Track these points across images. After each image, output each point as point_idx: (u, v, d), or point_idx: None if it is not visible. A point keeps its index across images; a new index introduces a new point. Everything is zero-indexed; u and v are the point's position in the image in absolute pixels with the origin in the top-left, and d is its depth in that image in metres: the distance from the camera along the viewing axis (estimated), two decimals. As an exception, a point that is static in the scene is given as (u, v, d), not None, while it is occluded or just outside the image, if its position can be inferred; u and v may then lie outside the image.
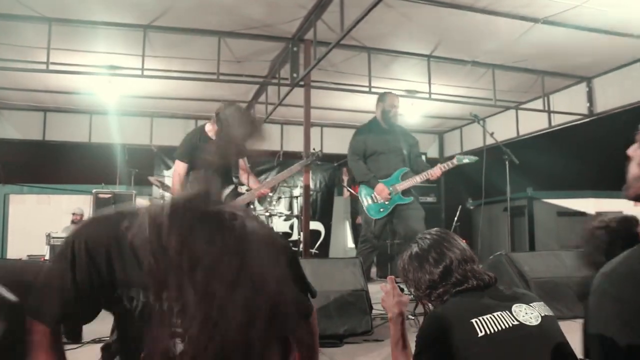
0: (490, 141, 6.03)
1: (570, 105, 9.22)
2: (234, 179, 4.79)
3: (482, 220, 8.28)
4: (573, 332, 1.92)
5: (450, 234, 2.09)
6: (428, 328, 1.85)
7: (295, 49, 7.50)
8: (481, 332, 1.74)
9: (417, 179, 5.54)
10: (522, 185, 8.00)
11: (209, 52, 7.50)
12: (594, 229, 2.18)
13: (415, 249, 2.06)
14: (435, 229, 2.15)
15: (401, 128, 6.05)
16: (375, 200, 5.61)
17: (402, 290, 2.12)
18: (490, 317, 1.78)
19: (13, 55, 7.60)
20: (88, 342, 3.38)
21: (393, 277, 2.28)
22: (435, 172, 5.53)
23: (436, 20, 6.83)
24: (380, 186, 5.54)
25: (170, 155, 9.56)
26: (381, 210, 5.59)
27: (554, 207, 8.45)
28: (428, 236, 2.08)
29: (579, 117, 9.09)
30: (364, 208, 5.74)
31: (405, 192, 5.58)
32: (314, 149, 5.12)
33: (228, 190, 4.71)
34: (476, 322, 1.76)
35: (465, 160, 5.60)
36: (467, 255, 2.00)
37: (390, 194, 5.50)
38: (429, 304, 2.02)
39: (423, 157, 5.70)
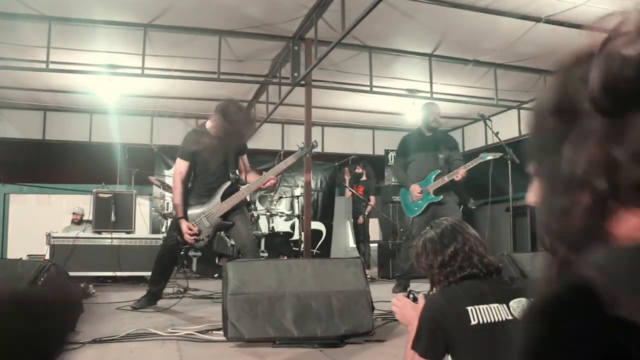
0: (491, 141, 6.03)
1: (572, 104, 9.20)
2: (231, 174, 4.78)
3: (484, 220, 8.27)
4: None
5: (464, 223, 2.13)
6: (426, 311, 1.89)
7: (296, 48, 7.50)
8: (474, 320, 1.76)
9: (445, 179, 5.91)
10: (524, 185, 7.96)
11: (210, 51, 7.49)
12: None
13: (429, 234, 2.10)
14: (450, 217, 2.20)
15: (444, 133, 6.54)
16: (412, 200, 6.10)
17: (415, 300, 2.14)
18: (486, 308, 1.79)
19: (13, 54, 7.60)
20: (88, 342, 3.38)
21: (402, 294, 2.29)
22: (460, 172, 5.84)
23: (438, 19, 6.83)
24: (413, 186, 6.06)
25: (171, 155, 9.57)
26: (415, 209, 6.08)
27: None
28: (444, 222, 2.12)
29: (581, 116, 9.07)
30: (403, 209, 6.34)
31: (438, 192, 5.97)
32: (315, 141, 5.14)
33: (226, 185, 4.72)
34: (471, 309, 1.78)
35: (489, 157, 5.85)
36: (478, 242, 2.02)
37: (421, 192, 5.97)
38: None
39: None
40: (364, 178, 10.60)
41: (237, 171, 4.88)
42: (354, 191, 10.33)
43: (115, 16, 6.76)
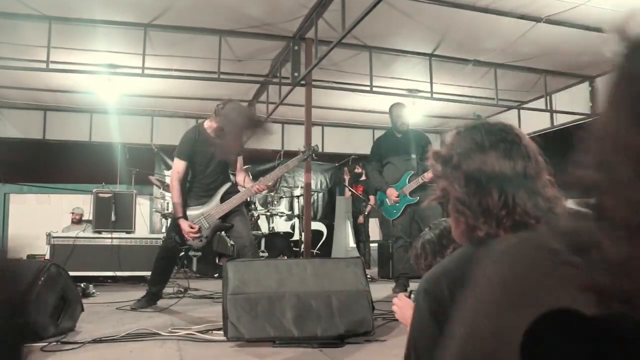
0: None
1: (572, 104, 9.21)
2: (231, 176, 4.79)
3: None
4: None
5: None
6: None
7: (296, 47, 7.49)
8: None
9: (419, 180, 5.99)
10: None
11: (210, 50, 7.49)
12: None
13: (428, 235, 2.10)
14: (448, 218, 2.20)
15: (415, 133, 6.50)
16: (390, 204, 6.18)
17: None
18: None
19: (13, 53, 7.59)
20: (88, 342, 3.38)
21: (403, 294, 2.29)
22: (428, 175, 5.85)
23: (438, 19, 6.83)
24: (389, 190, 6.16)
25: (171, 155, 9.57)
26: (394, 211, 6.18)
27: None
28: (444, 223, 2.13)
29: (581, 116, 9.08)
30: (382, 212, 6.45)
31: (414, 193, 6.04)
32: (316, 145, 5.12)
33: (226, 187, 4.71)
34: None
35: None
36: None
37: (398, 196, 6.06)
38: None
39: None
40: (363, 178, 10.59)
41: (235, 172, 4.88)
42: (353, 191, 10.33)
43: (115, 16, 6.75)
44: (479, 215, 1.27)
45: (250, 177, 4.92)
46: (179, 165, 4.80)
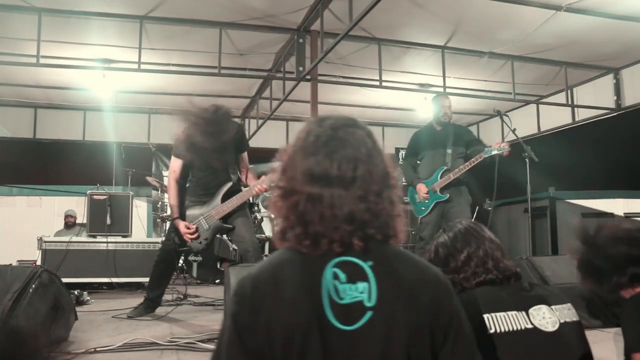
0: (509, 138, 6.02)
1: (595, 98, 9.18)
2: (232, 174, 4.78)
3: (501, 222, 8.24)
4: (601, 342, 1.92)
5: (479, 224, 2.11)
6: None
7: (301, 40, 7.50)
8: (491, 329, 1.75)
9: (450, 176, 5.89)
10: (543, 185, 7.93)
11: (210, 44, 7.51)
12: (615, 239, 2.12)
13: (443, 237, 2.09)
14: (465, 219, 2.18)
15: (456, 127, 6.39)
16: (419, 200, 6.13)
17: None
18: (504, 316, 1.78)
19: (1, 48, 7.64)
20: (82, 353, 3.39)
21: None
22: (457, 170, 5.83)
23: (451, 9, 6.82)
24: (419, 186, 6.05)
25: (169, 154, 9.58)
26: (422, 208, 6.09)
27: (578, 208, 8.36)
28: (458, 225, 2.11)
29: (605, 111, 9.05)
30: (412, 210, 6.32)
31: (444, 190, 5.96)
32: None
33: (226, 187, 4.72)
34: (488, 317, 1.77)
35: (494, 152, 5.68)
36: (493, 246, 2.02)
37: (427, 192, 5.98)
38: None
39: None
40: None
41: (237, 171, 4.88)
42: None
43: (110, 8, 6.78)
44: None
45: (255, 175, 4.91)
46: (175, 163, 4.82)
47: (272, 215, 8.82)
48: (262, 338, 1.27)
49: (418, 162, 6.30)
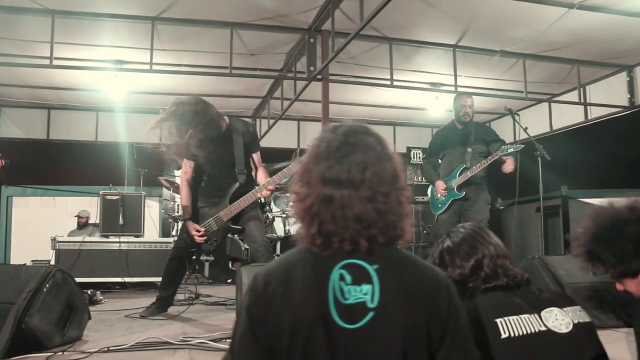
0: (520, 137, 6.00)
1: (608, 96, 9.11)
2: (239, 175, 4.77)
3: (513, 221, 8.19)
4: (614, 342, 1.91)
5: (485, 229, 2.10)
6: None
7: (312, 40, 7.50)
8: (505, 333, 1.74)
9: (468, 174, 5.97)
10: (555, 184, 7.88)
11: (221, 44, 7.52)
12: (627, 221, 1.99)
13: (447, 243, 2.08)
14: (469, 223, 2.17)
15: (478, 125, 6.48)
16: (437, 197, 6.23)
17: None
18: (517, 319, 1.78)
19: (15, 50, 7.69)
20: (96, 352, 3.41)
21: None
22: (474, 167, 5.92)
23: (462, 8, 6.79)
24: (437, 182, 6.17)
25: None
26: (439, 205, 6.21)
27: (591, 207, 8.31)
28: (462, 230, 2.10)
29: (618, 109, 8.98)
30: (430, 207, 6.45)
31: (461, 188, 6.04)
32: None
33: (234, 188, 4.72)
34: (501, 322, 1.77)
35: (510, 150, 5.80)
36: (500, 251, 2.01)
37: (445, 189, 6.06)
38: None
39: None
40: None
41: (247, 171, 4.87)
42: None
43: (122, 9, 6.81)
44: None
45: (267, 175, 4.90)
46: (186, 164, 4.86)
47: (284, 215, 8.85)
48: (272, 331, 1.37)
49: (439, 160, 6.39)
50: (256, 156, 4.95)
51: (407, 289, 1.39)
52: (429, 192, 6.52)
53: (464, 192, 6.00)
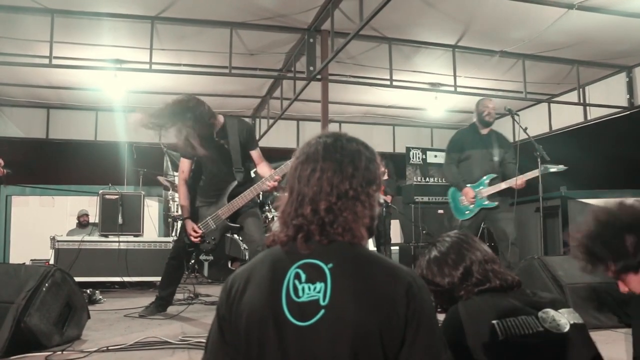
0: (520, 137, 6.00)
1: (608, 97, 9.12)
2: (238, 175, 4.77)
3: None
4: (613, 343, 1.91)
5: (470, 236, 2.10)
6: (447, 325, 1.86)
7: (311, 40, 7.50)
8: (502, 335, 1.74)
9: (502, 186, 5.91)
10: (555, 184, 7.90)
11: (221, 44, 7.53)
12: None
13: (433, 252, 2.08)
14: (454, 231, 2.16)
15: (498, 134, 6.36)
16: (463, 203, 6.11)
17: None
18: (514, 321, 1.77)
19: (14, 49, 7.69)
20: (95, 351, 3.41)
21: None
22: (519, 183, 5.80)
23: (462, 8, 6.80)
24: (466, 190, 6.02)
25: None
26: (466, 212, 6.08)
27: (590, 208, 8.32)
28: (447, 239, 2.10)
29: (617, 110, 8.98)
30: (452, 210, 6.33)
31: (492, 197, 5.96)
32: None
33: (231, 186, 4.72)
34: (498, 324, 1.76)
35: (553, 170, 5.80)
36: (488, 256, 2.01)
37: (474, 197, 5.97)
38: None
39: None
40: (385, 177, 10.56)
41: (245, 169, 4.87)
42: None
43: (121, 8, 6.81)
44: None
45: (271, 169, 4.89)
46: (183, 164, 4.86)
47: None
48: (234, 331, 1.44)
49: (459, 162, 6.27)
50: (256, 152, 4.94)
51: (359, 289, 1.38)
52: (449, 195, 6.33)
53: (497, 202, 5.91)
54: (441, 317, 1.74)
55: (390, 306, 1.36)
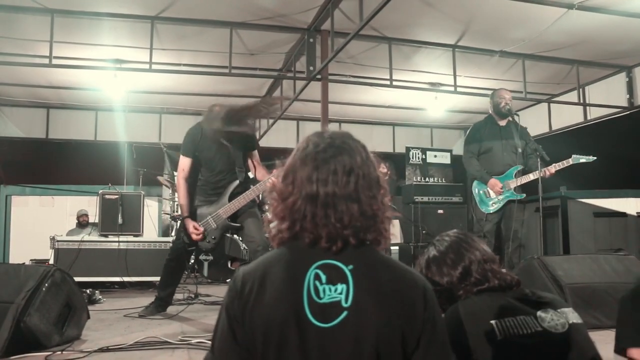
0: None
1: (608, 97, 9.11)
2: (239, 173, 4.77)
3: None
4: (612, 343, 1.90)
5: (469, 235, 2.10)
6: (447, 325, 1.85)
7: (311, 40, 7.50)
8: (500, 334, 1.74)
9: (530, 177, 5.84)
10: (555, 184, 7.89)
11: (221, 44, 7.52)
12: None
13: (432, 252, 2.08)
14: (454, 230, 2.16)
15: (517, 125, 6.22)
16: (488, 195, 6.03)
17: None
18: (512, 320, 1.77)
19: (14, 49, 7.68)
20: (94, 351, 3.41)
21: None
22: (550, 170, 5.76)
23: (462, 8, 6.79)
24: (493, 181, 5.95)
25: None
26: (493, 204, 6.01)
27: (590, 208, 8.31)
28: (446, 238, 2.10)
29: (617, 109, 8.98)
30: (477, 203, 6.18)
31: (518, 189, 5.93)
32: None
33: (233, 186, 4.72)
34: (496, 323, 1.76)
35: (582, 160, 5.83)
36: (487, 256, 2.01)
37: (502, 188, 5.90)
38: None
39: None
40: (386, 178, 10.54)
41: (245, 169, 4.87)
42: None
43: (121, 8, 6.80)
44: None
45: (267, 171, 4.89)
46: (183, 162, 4.86)
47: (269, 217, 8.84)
48: (248, 331, 1.40)
49: (479, 155, 6.20)
50: (254, 154, 4.95)
51: (381, 290, 1.40)
52: (473, 187, 6.20)
53: (525, 194, 5.88)
54: (441, 317, 1.74)
55: (410, 308, 1.40)
